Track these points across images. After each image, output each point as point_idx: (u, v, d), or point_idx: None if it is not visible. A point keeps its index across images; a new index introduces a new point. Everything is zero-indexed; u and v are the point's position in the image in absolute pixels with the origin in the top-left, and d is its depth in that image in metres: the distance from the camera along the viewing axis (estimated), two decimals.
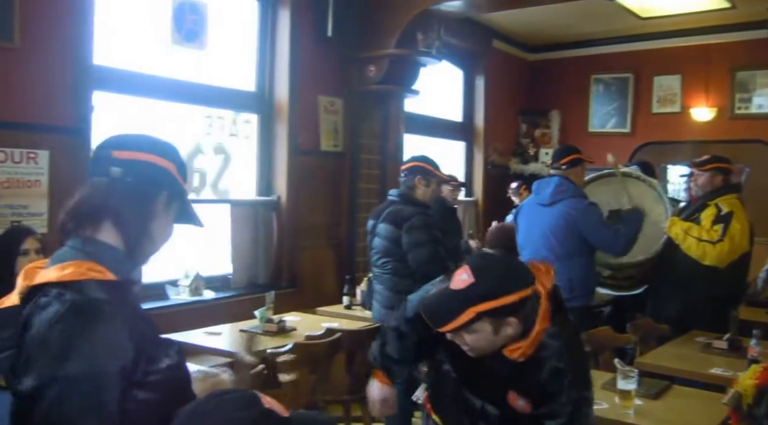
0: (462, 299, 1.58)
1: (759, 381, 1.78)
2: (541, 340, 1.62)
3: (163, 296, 3.88)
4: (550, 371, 1.61)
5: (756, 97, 6.18)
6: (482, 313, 1.56)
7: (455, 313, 1.57)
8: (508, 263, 1.70)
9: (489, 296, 1.57)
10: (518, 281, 1.61)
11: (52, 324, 1.12)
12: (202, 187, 4.14)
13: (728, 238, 3.64)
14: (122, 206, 1.26)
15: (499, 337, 1.61)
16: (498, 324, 1.59)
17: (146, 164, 1.30)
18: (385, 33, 4.74)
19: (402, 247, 3.27)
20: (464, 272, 1.61)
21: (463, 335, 1.62)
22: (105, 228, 1.27)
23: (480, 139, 6.67)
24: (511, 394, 1.66)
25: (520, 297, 1.59)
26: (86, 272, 1.19)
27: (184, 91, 4.01)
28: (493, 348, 1.64)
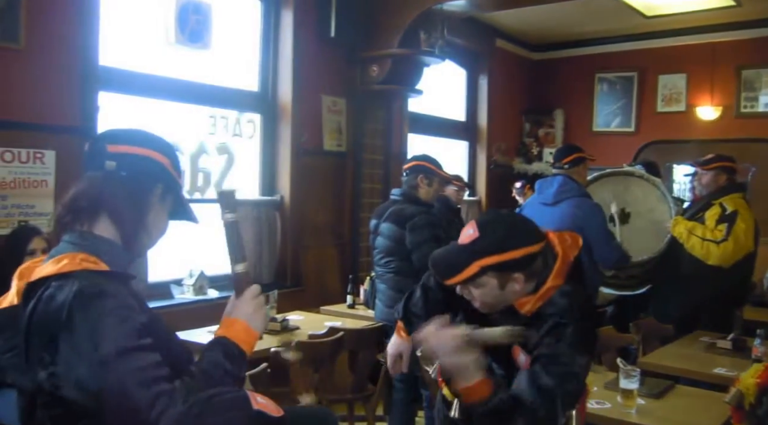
0: (467, 253, 1.60)
1: (761, 380, 1.77)
2: (551, 297, 1.63)
3: (167, 295, 3.90)
4: (552, 325, 1.61)
5: (763, 95, 6.15)
6: (487, 267, 1.58)
7: (461, 266, 1.59)
8: (515, 220, 1.71)
9: (493, 251, 1.58)
10: (524, 238, 1.62)
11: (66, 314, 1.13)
12: (206, 187, 4.16)
13: (732, 238, 3.63)
14: (117, 200, 1.28)
15: (505, 292, 1.63)
16: (503, 278, 1.61)
17: (141, 157, 1.32)
18: (388, 33, 4.75)
19: (405, 246, 3.27)
20: (471, 227, 1.64)
21: (470, 289, 1.64)
22: (101, 222, 1.29)
23: (483, 138, 6.66)
24: (516, 348, 1.68)
25: (525, 253, 1.60)
26: (80, 263, 1.21)
27: (187, 92, 4.03)
28: (501, 304, 1.66)
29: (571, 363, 1.56)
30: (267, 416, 0.97)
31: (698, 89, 6.43)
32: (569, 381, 1.56)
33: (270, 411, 0.99)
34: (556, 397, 1.53)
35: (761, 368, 1.80)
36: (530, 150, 7.06)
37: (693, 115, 6.43)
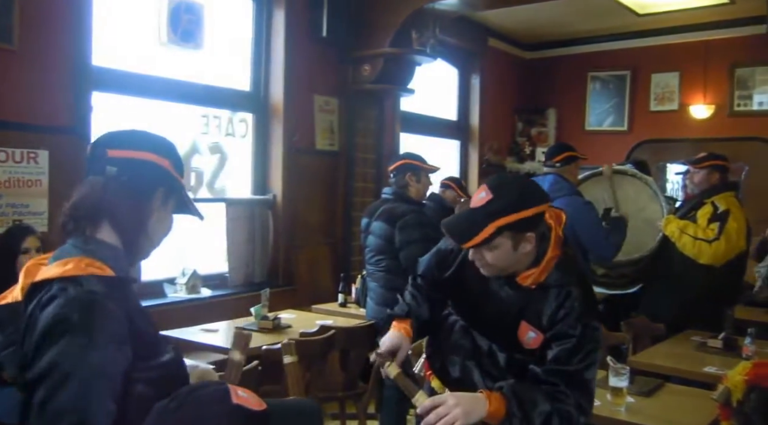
0: (483, 215, 1.62)
1: (748, 377, 1.78)
2: (553, 267, 1.67)
3: (160, 294, 3.91)
4: (562, 295, 1.66)
5: (756, 94, 6.15)
6: (502, 227, 1.60)
7: (477, 229, 1.61)
8: (523, 181, 1.76)
9: (508, 210, 1.60)
10: (534, 197, 1.66)
11: (56, 317, 1.14)
12: (199, 186, 4.16)
13: (724, 237, 3.63)
14: (118, 205, 1.28)
15: (518, 254, 1.65)
16: (517, 238, 1.63)
17: (141, 162, 1.31)
18: (379, 32, 4.75)
19: (395, 245, 3.28)
20: (482, 191, 1.66)
21: (483, 252, 1.66)
22: (103, 227, 1.29)
23: (475, 137, 6.67)
24: (523, 325, 1.70)
25: (536, 212, 1.64)
26: (86, 268, 1.21)
27: (180, 91, 4.03)
28: (511, 267, 1.68)
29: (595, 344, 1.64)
30: (247, 410, 0.98)
31: (691, 88, 6.45)
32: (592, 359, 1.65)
33: (251, 405, 0.99)
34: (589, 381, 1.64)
35: (749, 365, 1.81)
36: (522, 149, 7.07)
37: (686, 113, 6.44)
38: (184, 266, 4.01)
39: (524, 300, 1.70)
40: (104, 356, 1.14)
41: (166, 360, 1.26)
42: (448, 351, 1.87)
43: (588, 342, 1.64)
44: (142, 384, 1.19)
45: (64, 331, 1.13)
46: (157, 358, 1.25)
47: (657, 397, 2.59)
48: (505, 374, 1.76)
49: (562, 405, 1.60)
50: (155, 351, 1.26)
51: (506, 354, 1.76)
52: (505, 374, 1.76)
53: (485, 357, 1.79)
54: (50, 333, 1.14)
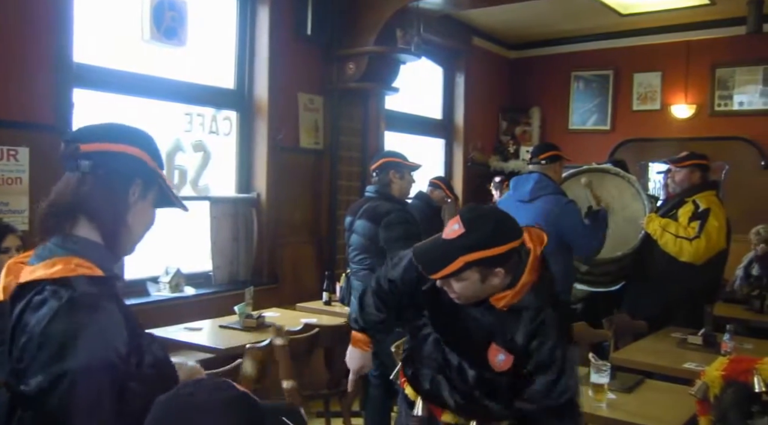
0: (453, 249, 1.62)
1: (725, 373, 1.81)
2: (527, 292, 1.68)
3: (143, 292, 3.88)
4: (537, 320, 1.67)
5: (736, 94, 6.23)
6: (471, 263, 1.61)
7: (446, 262, 1.62)
8: (499, 216, 1.73)
9: (478, 247, 1.61)
10: (507, 234, 1.66)
11: (51, 321, 1.13)
12: (182, 184, 4.14)
13: (705, 235, 3.68)
14: (94, 200, 1.26)
15: (485, 286, 1.67)
16: (486, 273, 1.64)
17: (115, 154, 1.28)
18: (364, 30, 4.75)
19: (379, 243, 3.28)
20: (455, 222, 1.66)
21: (451, 282, 1.67)
22: (81, 223, 1.27)
23: (460, 136, 6.69)
24: (493, 347, 1.70)
25: (508, 249, 1.64)
26: (76, 269, 1.19)
27: (163, 89, 4.00)
28: (479, 296, 1.70)
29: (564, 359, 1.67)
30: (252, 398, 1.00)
31: (673, 88, 6.51)
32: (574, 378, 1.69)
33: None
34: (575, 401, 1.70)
35: (726, 361, 1.84)
36: (507, 148, 7.10)
37: (668, 113, 6.51)
38: (168, 264, 3.99)
39: (496, 322, 1.71)
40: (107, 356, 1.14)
41: (158, 358, 1.26)
42: (420, 362, 1.88)
43: (569, 366, 1.67)
44: (136, 381, 1.19)
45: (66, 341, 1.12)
46: (147, 355, 1.24)
47: (638, 393, 2.62)
48: (473, 390, 1.77)
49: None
50: (145, 349, 1.25)
51: (475, 371, 1.76)
52: (473, 390, 1.77)
53: (454, 372, 1.79)
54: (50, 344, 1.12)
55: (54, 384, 1.10)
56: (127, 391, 1.16)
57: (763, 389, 1.72)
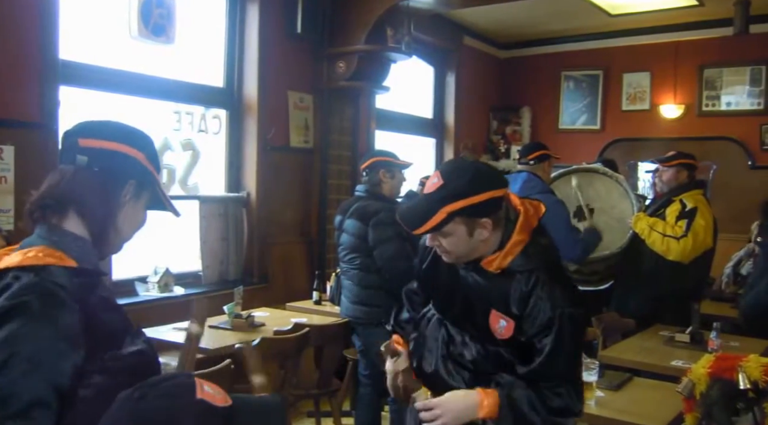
0: (434, 201, 1.61)
1: (711, 370, 1.82)
2: (518, 253, 1.65)
3: (132, 292, 3.85)
4: (530, 282, 1.62)
5: (724, 94, 6.28)
6: (454, 212, 1.59)
7: (429, 215, 1.60)
8: (477, 166, 1.72)
9: (459, 195, 1.59)
10: (487, 182, 1.63)
11: (6, 303, 1.12)
12: (171, 183, 4.11)
13: (692, 234, 3.71)
14: (86, 196, 1.26)
15: (475, 240, 1.63)
16: (471, 224, 1.61)
17: (113, 152, 1.29)
18: (354, 29, 4.74)
19: (369, 243, 3.28)
20: (435, 176, 1.65)
21: (439, 239, 1.65)
22: (70, 217, 1.26)
23: (451, 135, 6.69)
24: (493, 313, 1.67)
25: (490, 197, 1.61)
26: (44, 258, 1.18)
27: (151, 87, 3.97)
28: (470, 254, 1.67)
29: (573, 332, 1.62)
30: (210, 405, 0.97)
31: (662, 88, 6.55)
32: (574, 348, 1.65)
33: (215, 400, 0.98)
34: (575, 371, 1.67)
35: (712, 358, 1.85)
36: (497, 147, 7.12)
37: (656, 113, 6.55)
38: (157, 264, 3.96)
39: (492, 287, 1.68)
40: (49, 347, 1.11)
41: (132, 351, 1.24)
42: (424, 345, 1.86)
43: (567, 332, 1.61)
44: (99, 375, 1.17)
45: (15, 315, 1.10)
46: (120, 349, 1.22)
47: (626, 391, 2.64)
48: (478, 366, 1.73)
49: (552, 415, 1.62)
50: (119, 342, 1.23)
51: (479, 344, 1.74)
52: (478, 366, 1.73)
53: (458, 347, 1.77)
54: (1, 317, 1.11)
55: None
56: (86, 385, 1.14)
57: (747, 386, 1.73)
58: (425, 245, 1.82)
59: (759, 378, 1.73)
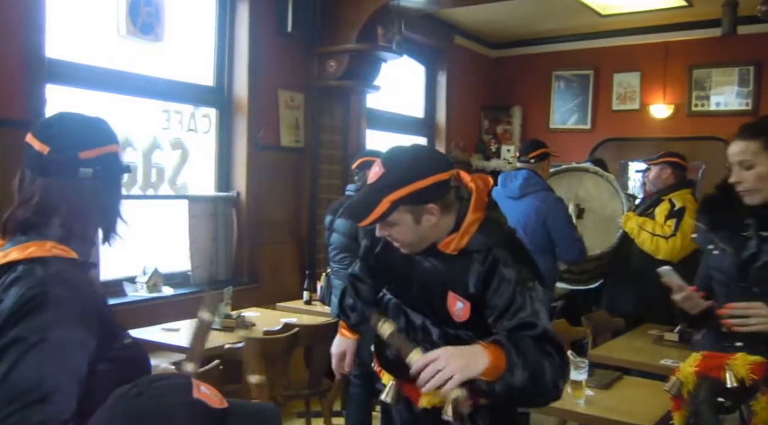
0: (376, 191, 1.56)
1: (699, 369, 1.83)
2: (475, 231, 1.61)
3: (120, 292, 3.83)
4: (488, 261, 1.58)
5: (713, 95, 6.31)
6: (397, 201, 1.55)
7: (372, 206, 1.55)
8: (418, 150, 1.67)
9: (400, 183, 1.54)
10: (429, 166, 1.58)
11: (24, 295, 1.13)
12: (160, 183, 4.08)
13: (681, 233, 3.72)
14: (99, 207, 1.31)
15: (423, 227, 1.59)
16: (417, 211, 1.57)
17: (109, 156, 1.32)
18: (345, 28, 4.73)
19: (359, 242, 3.26)
20: (377, 165, 1.60)
21: (388, 229, 1.62)
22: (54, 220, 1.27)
23: (442, 135, 6.69)
24: (450, 296, 1.63)
25: (433, 181, 1.56)
26: (50, 250, 1.21)
27: (140, 85, 3.94)
28: (423, 241, 1.63)
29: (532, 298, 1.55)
30: (206, 406, 0.96)
31: (651, 88, 6.57)
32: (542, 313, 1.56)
33: (211, 401, 0.98)
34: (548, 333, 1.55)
35: (699, 357, 1.86)
36: (488, 147, 7.13)
37: (646, 113, 6.57)
38: (145, 264, 3.94)
39: (449, 270, 1.64)
40: (73, 335, 1.14)
41: (128, 343, 1.27)
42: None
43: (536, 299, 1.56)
44: (105, 363, 1.19)
45: (33, 307, 1.13)
46: (120, 339, 1.26)
47: (615, 389, 2.64)
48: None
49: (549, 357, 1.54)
50: (117, 333, 1.27)
51: (439, 329, 1.70)
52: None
53: (419, 332, 1.73)
54: (18, 310, 1.13)
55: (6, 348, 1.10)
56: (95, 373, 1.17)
57: (734, 384, 1.74)
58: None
59: (746, 377, 1.74)
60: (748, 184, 1.94)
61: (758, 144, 1.96)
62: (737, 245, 1.99)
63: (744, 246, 1.99)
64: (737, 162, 1.95)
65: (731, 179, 1.95)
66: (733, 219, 2.02)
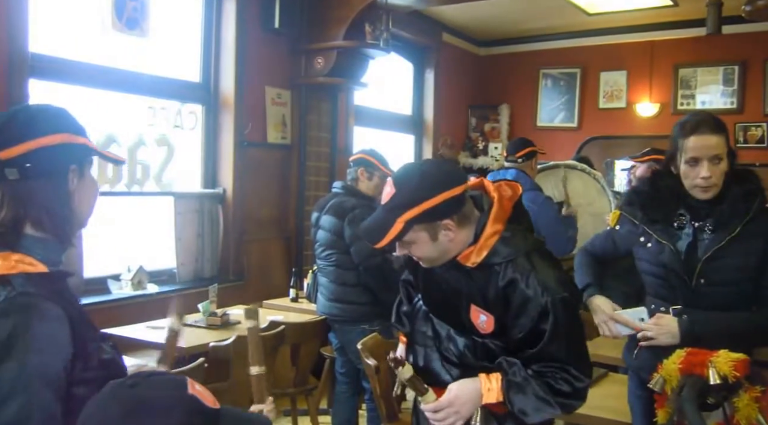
0: (389, 212, 1.56)
1: (682, 366, 1.83)
2: (493, 245, 1.58)
3: (104, 290, 3.79)
4: (508, 277, 1.56)
5: (699, 94, 6.36)
6: (411, 221, 1.54)
7: (387, 227, 1.55)
8: (427, 167, 1.63)
9: (412, 203, 1.53)
10: (439, 182, 1.56)
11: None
12: (146, 179, 4.04)
13: None
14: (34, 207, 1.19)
15: (441, 242, 1.58)
16: (433, 228, 1.56)
17: (40, 150, 1.18)
18: (333, 25, 4.71)
19: (345, 239, 3.26)
20: (389, 185, 1.60)
21: (407, 247, 1.61)
22: (27, 227, 1.20)
23: (430, 132, 6.69)
24: (473, 309, 1.63)
25: (446, 198, 1.54)
26: (16, 265, 1.13)
27: (125, 81, 3.91)
28: (444, 255, 1.62)
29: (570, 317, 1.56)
30: (200, 403, 0.96)
31: (638, 86, 6.62)
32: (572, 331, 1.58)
33: (205, 400, 0.97)
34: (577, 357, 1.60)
35: (683, 354, 1.86)
36: (476, 144, 7.14)
37: (633, 111, 6.61)
38: (130, 261, 3.90)
39: (471, 282, 1.62)
40: (44, 361, 1.09)
41: (102, 361, 1.20)
42: (414, 339, 1.83)
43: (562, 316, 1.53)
44: (80, 385, 1.14)
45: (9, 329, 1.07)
46: (94, 359, 1.19)
47: (601, 386, 2.66)
48: (465, 358, 1.69)
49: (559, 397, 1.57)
50: (94, 350, 1.20)
51: (465, 338, 1.69)
52: (465, 358, 1.69)
53: (445, 342, 1.72)
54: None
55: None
56: (71, 398, 1.12)
57: (717, 381, 1.75)
58: None
59: (729, 374, 1.74)
60: (714, 179, 1.95)
61: (723, 139, 1.98)
62: (674, 239, 2.02)
63: (679, 238, 2.01)
64: (712, 156, 1.94)
65: (702, 173, 1.93)
66: (663, 213, 2.04)
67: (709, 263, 1.96)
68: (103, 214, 3.79)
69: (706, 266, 1.96)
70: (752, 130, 6.13)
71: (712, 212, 1.99)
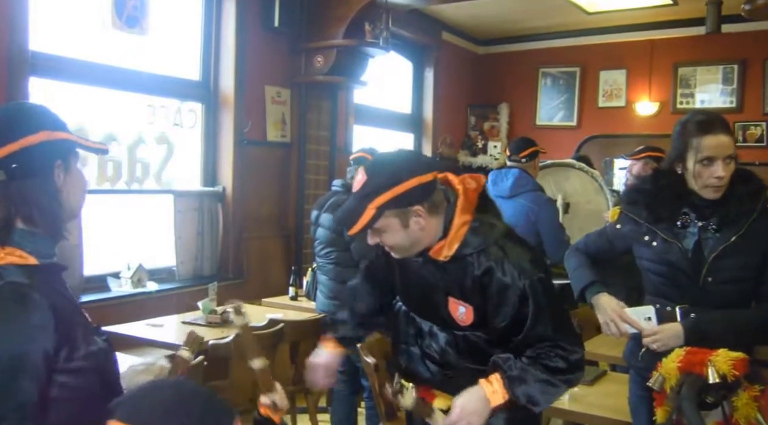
0: (361, 199, 1.57)
1: (681, 365, 1.83)
2: (464, 236, 1.61)
3: (104, 288, 3.79)
4: (483, 266, 1.59)
5: (698, 92, 6.36)
6: (382, 207, 1.55)
7: (358, 213, 1.56)
8: (398, 154, 1.68)
9: (382, 188, 1.55)
10: (410, 168, 1.58)
11: None
12: (145, 177, 4.04)
13: None
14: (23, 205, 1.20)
15: (412, 230, 1.59)
16: (404, 215, 1.58)
17: (23, 151, 1.19)
18: (332, 23, 4.71)
19: (344, 237, 3.26)
20: (360, 173, 1.62)
21: (378, 236, 1.62)
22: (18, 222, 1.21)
23: (429, 131, 6.69)
24: (451, 301, 1.65)
25: (416, 183, 1.56)
26: (5, 257, 1.16)
27: (125, 79, 3.90)
28: (415, 245, 1.63)
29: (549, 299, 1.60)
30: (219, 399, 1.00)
31: (637, 85, 6.61)
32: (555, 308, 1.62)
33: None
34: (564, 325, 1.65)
35: (682, 352, 1.87)
36: (475, 143, 7.14)
37: (632, 110, 6.61)
38: (130, 259, 3.91)
39: (446, 276, 1.65)
40: (25, 348, 1.11)
41: (89, 352, 1.21)
42: (397, 339, 1.85)
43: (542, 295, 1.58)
44: (65, 374, 1.16)
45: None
46: (80, 349, 1.19)
47: (599, 385, 2.67)
48: (447, 354, 1.71)
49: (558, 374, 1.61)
50: (82, 341, 1.20)
51: (446, 333, 1.71)
52: (447, 354, 1.71)
53: (427, 338, 1.74)
54: None
55: None
56: (56, 386, 1.14)
57: (717, 380, 1.75)
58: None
59: (727, 373, 1.75)
60: (726, 179, 1.95)
61: (732, 139, 2.00)
62: (679, 237, 2.02)
63: (685, 237, 2.01)
64: (726, 156, 1.94)
65: (718, 173, 1.93)
66: (668, 212, 2.04)
67: (716, 262, 1.97)
68: (103, 212, 3.80)
69: (714, 264, 1.97)
70: (751, 129, 6.13)
71: (717, 211, 1.99)
